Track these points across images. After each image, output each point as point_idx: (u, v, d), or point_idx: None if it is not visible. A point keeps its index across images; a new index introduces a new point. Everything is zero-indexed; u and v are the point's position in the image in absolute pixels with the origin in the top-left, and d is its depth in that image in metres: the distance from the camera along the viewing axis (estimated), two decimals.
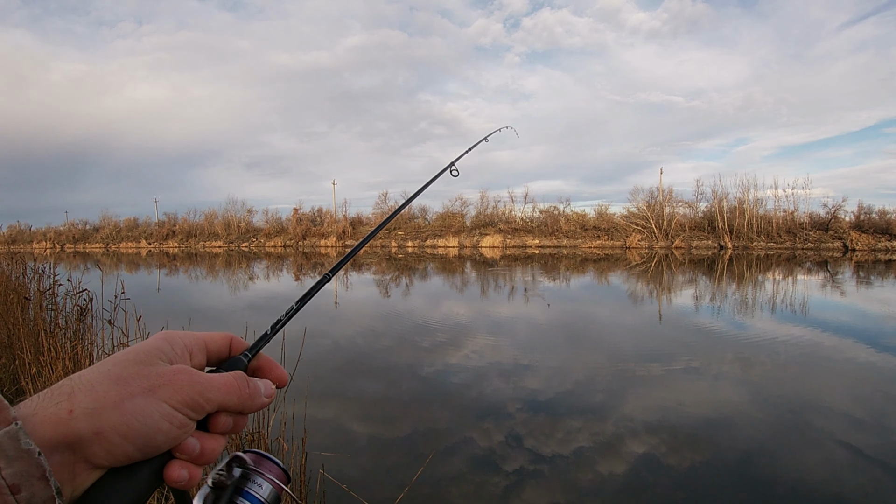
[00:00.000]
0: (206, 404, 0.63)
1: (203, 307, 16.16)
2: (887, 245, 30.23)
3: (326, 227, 44.64)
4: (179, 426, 0.61)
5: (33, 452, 0.50)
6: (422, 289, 21.30)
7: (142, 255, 37.28)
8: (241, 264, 31.53)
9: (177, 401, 0.60)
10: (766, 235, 34.44)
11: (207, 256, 36.41)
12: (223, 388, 0.65)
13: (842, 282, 20.79)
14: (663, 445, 6.31)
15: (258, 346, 0.76)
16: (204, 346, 0.72)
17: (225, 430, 0.68)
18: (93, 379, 0.58)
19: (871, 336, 11.12)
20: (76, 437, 0.54)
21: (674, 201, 38.78)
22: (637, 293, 19.27)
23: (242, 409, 0.67)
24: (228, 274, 26.88)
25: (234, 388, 0.66)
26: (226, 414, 0.67)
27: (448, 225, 42.65)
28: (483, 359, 9.91)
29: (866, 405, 7.34)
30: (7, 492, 0.48)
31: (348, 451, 6.04)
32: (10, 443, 0.49)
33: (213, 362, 0.74)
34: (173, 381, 0.61)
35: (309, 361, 8.93)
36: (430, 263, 31.02)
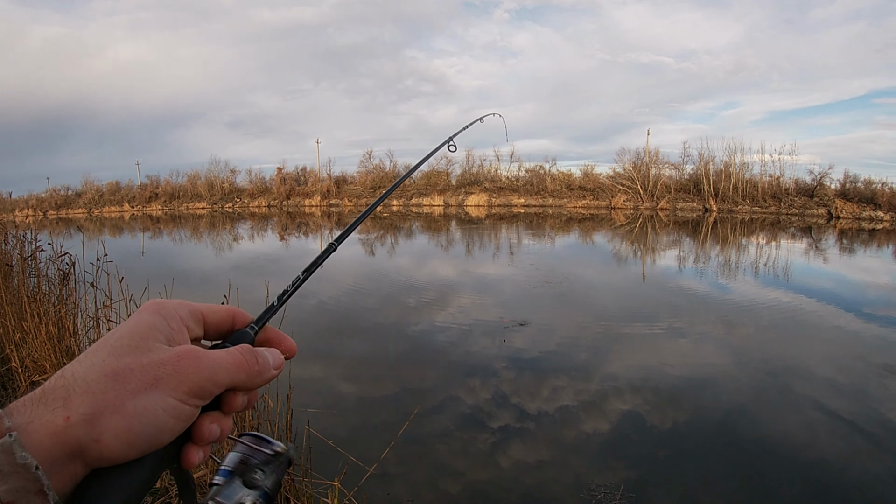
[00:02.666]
0: (214, 389, 0.58)
1: (188, 269, 16.06)
2: (871, 214, 30.40)
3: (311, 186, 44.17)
4: (186, 418, 0.56)
5: (30, 467, 0.46)
6: (407, 248, 21.26)
7: (125, 219, 36.86)
8: (225, 225, 31.30)
9: (183, 392, 0.55)
10: (752, 200, 34.55)
11: (191, 218, 36.07)
12: (232, 368, 0.59)
13: (825, 249, 20.95)
14: (646, 404, 6.38)
15: (264, 319, 0.71)
16: (201, 318, 0.66)
17: (239, 409, 0.63)
18: (88, 376, 0.53)
19: (852, 304, 11.23)
20: (75, 446, 0.50)
21: (660, 163, 38.75)
22: (621, 253, 19.35)
23: (252, 385, 0.63)
24: (212, 235, 26.70)
25: (243, 365, 0.61)
26: (240, 394, 0.62)
27: (433, 183, 42.38)
28: (469, 317, 9.93)
29: (846, 371, 7.44)
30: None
31: (335, 409, 6.07)
32: (5, 457, 0.46)
33: (211, 335, 0.68)
34: (178, 369, 0.56)
35: (295, 321, 8.90)
36: (416, 222, 30.96)
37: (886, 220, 29.62)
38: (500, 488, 4.71)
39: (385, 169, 43.92)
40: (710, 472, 5.02)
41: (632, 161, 39.16)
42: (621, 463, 5.16)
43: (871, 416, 6.00)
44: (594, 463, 5.16)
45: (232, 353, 0.61)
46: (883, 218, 29.84)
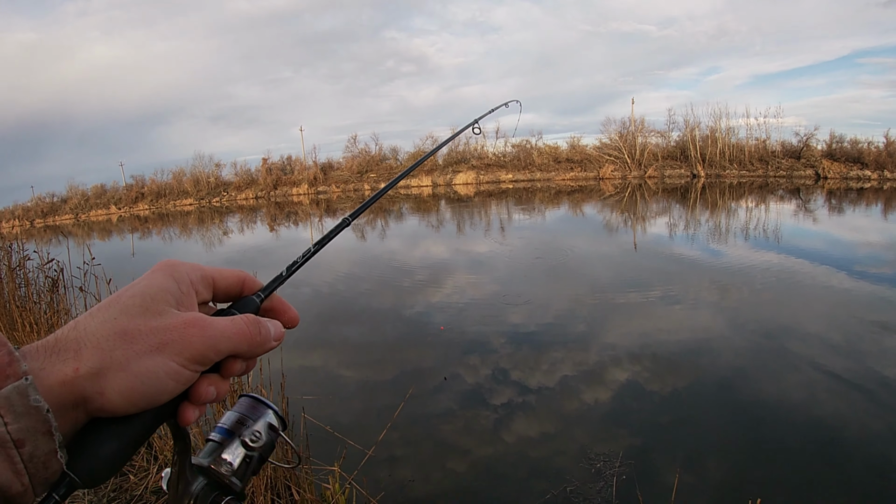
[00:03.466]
0: (215, 356, 0.61)
1: None
2: (859, 174, 30.42)
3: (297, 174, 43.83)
4: (185, 382, 0.59)
5: (42, 409, 0.50)
6: (398, 230, 21.20)
7: (113, 222, 36.49)
8: (213, 220, 31.09)
9: (185, 358, 0.58)
10: (739, 163, 34.52)
11: (179, 215, 35.78)
12: (234, 337, 0.62)
13: (814, 209, 20.98)
14: (645, 372, 6.40)
15: (272, 288, 0.74)
16: (211, 283, 0.69)
17: (237, 374, 0.66)
18: (99, 332, 0.56)
19: (844, 263, 11.22)
20: (80, 395, 0.53)
21: (646, 131, 38.54)
22: (612, 223, 19.34)
23: (252, 354, 0.66)
24: (202, 231, 26.53)
25: (245, 334, 0.63)
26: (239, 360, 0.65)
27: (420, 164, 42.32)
28: (464, 296, 9.92)
29: (841, 330, 7.47)
30: (11, 446, 0.48)
31: (332, 395, 6.05)
32: (20, 398, 0.49)
33: (220, 299, 0.71)
34: (183, 336, 0.58)
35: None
36: (405, 204, 30.83)
37: (874, 178, 29.65)
38: (504, 463, 4.72)
39: (371, 152, 43.65)
40: (710, 435, 5.04)
41: (618, 131, 39.02)
42: (622, 431, 5.18)
43: (868, 373, 6.02)
44: (595, 432, 5.18)
45: (236, 322, 0.63)
46: (870, 177, 29.87)
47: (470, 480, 4.46)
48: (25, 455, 0.49)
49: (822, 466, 4.47)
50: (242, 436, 0.70)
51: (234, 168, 45.81)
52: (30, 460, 0.50)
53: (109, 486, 3.65)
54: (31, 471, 0.50)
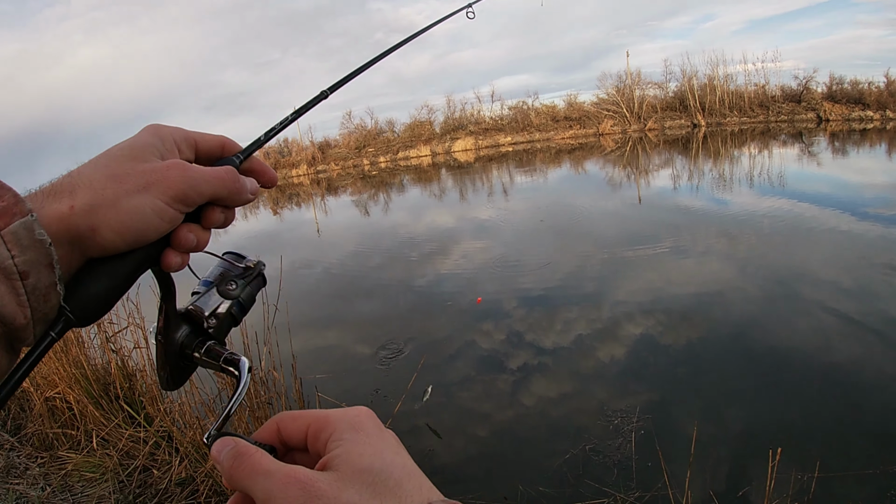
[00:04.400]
0: (197, 197, 0.65)
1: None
2: (861, 115, 29.97)
3: (295, 156, 43.63)
4: (170, 220, 0.63)
5: (45, 242, 0.53)
6: (401, 203, 21.11)
7: None
8: None
9: (169, 196, 0.62)
10: (739, 110, 34.10)
11: None
12: (214, 181, 0.66)
13: (818, 153, 20.72)
14: (659, 325, 6.38)
15: (250, 150, 0.78)
16: (193, 144, 0.72)
17: (217, 224, 0.70)
18: (91, 175, 0.60)
19: (851, 205, 11.10)
20: (76, 232, 0.57)
21: (643, 83, 38.04)
22: (615, 179, 19.20)
23: (231, 202, 0.70)
24: None
25: (224, 180, 0.67)
26: (218, 209, 0.69)
27: (417, 134, 41.84)
28: (473, 263, 9.91)
29: (851, 272, 7.41)
30: (17, 277, 0.51)
31: (349, 371, 6.08)
32: (26, 233, 0.52)
33: (202, 161, 0.73)
34: (166, 176, 0.62)
35: (300, 293, 8.91)
36: (406, 176, 30.69)
37: (876, 118, 29.24)
38: (523, 425, 4.73)
39: (367, 127, 43.36)
40: (726, 385, 5.03)
41: (614, 85, 38.54)
42: (638, 386, 5.18)
43: (881, 315, 5.98)
44: (612, 389, 5.18)
45: (216, 168, 0.68)
46: (873, 117, 29.45)
47: (491, 445, 4.48)
48: (29, 287, 0.52)
49: (839, 410, 4.46)
50: (221, 285, 0.75)
51: None
52: (32, 292, 0.53)
53: (135, 483, 3.68)
54: (33, 304, 0.53)
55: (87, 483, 3.74)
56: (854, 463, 3.71)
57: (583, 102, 40.40)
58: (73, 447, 4.18)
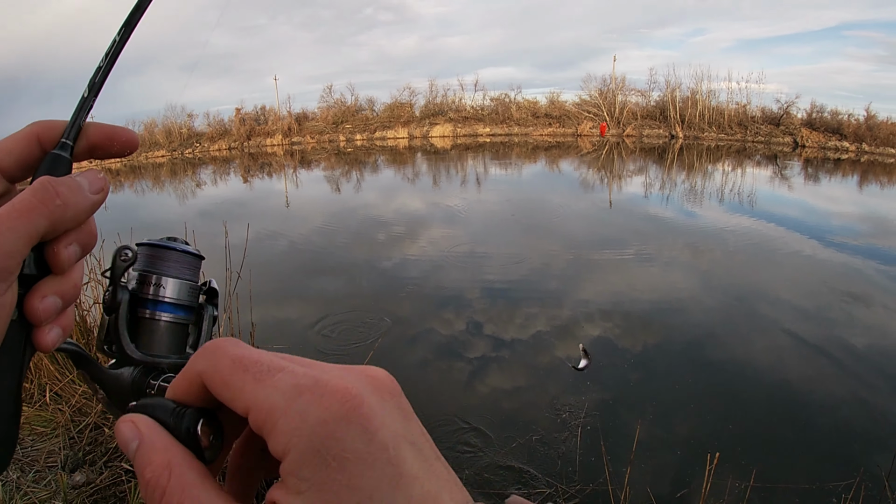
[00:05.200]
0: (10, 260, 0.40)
1: (152, 220, 15.67)
2: (837, 144, 30.70)
3: (271, 125, 42.99)
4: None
5: None
6: (374, 183, 21.01)
7: None
8: (186, 172, 30.55)
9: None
10: (718, 127, 34.60)
11: (151, 167, 35.04)
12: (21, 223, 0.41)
13: (791, 177, 21.16)
14: (617, 328, 6.48)
15: (75, 122, 0.53)
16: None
17: (73, 259, 0.47)
18: None
19: (817, 231, 11.36)
20: None
21: (626, 89, 38.43)
22: (588, 180, 19.37)
23: (67, 225, 0.46)
24: (175, 183, 26.07)
25: (36, 209, 0.42)
26: (61, 243, 0.46)
27: (397, 115, 41.61)
28: (439, 250, 9.92)
29: (810, 297, 7.60)
30: None
31: (307, 345, 6.05)
32: None
33: (19, 177, 0.50)
34: None
35: (264, 263, 8.82)
36: (381, 156, 30.56)
37: (852, 150, 29.96)
38: (473, 413, 4.76)
39: (346, 103, 42.98)
40: (676, 390, 5.14)
41: (598, 88, 38.82)
42: (591, 384, 5.25)
43: (836, 341, 6.16)
44: (564, 385, 5.25)
45: (14, 203, 0.42)
46: (848, 148, 30.17)
47: (440, 430, 4.51)
48: None
49: (784, 426, 4.59)
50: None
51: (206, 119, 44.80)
52: None
53: (85, 440, 3.63)
54: None
55: (37, 437, 3.68)
56: (793, 477, 3.82)
57: (565, 101, 40.58)
58: (26, 400, 4.11)
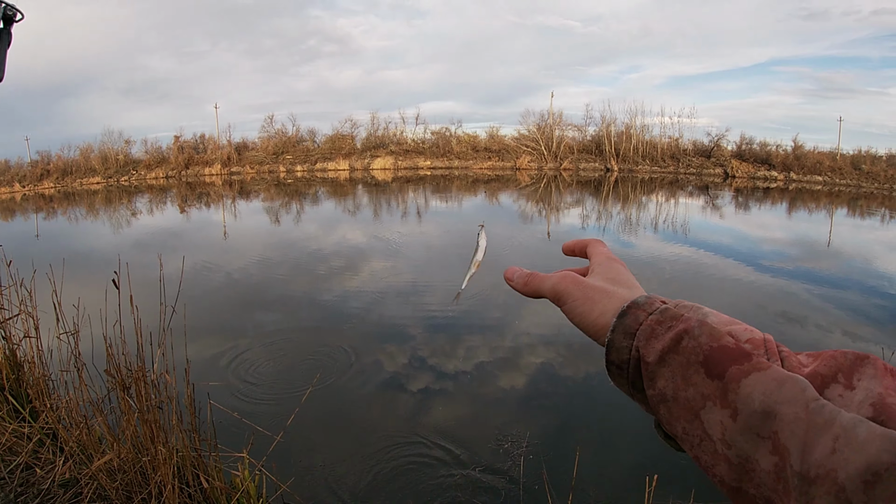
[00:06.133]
0: None
1: (84, 249, 15.21)
2: (765, 174, 32.24)
3: (210, 154, 42.32)
4: None
5: None
6: (314, 214, 20.90)
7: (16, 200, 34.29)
8: (121, 200, 29.79)
9: None
10: (651, 160, 35.80)
11: (86, 194, 33.90)
12: None
13: (722, 206, 22.05)
14: (559, 357, 6.60)
15: None
16: None
17: None
18: None
19: (749, 257, 11.87)
20: None
21: (563, 124, 39.37)
22: (527, 212, 19.72)
23: None
24: (109, 212, 25.36)
25: None
26: None
27: (338, 147, 41.57)
28: (381, 282, 9.93)
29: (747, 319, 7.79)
30: None
31: (243, 381, 5.95)
32: None
33: None
34: None
35: (201, 296, 8.69)
36: (321, 187, 30.44)
37: (780, 179, 31.49)
38: (415, 446, 4.78)
39: (287, 133, 42.74)
40: (617, 417, 5.25)
41: (536, 123, 39.71)
42: (532, 413, 5.34)
43: None
44: (507, 415, 5.31)
45: None
46: (777, 177, 31.70)
47: (384, 463, 4.51)
48: None
49: None
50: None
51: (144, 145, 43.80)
52: None
53: (16, 481, 3.51)
54: None
55: None
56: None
57: (504, 136, 41.35)
58: None
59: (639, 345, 0.61)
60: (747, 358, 0.52)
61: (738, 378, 0.51)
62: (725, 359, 0.53)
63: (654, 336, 0.60)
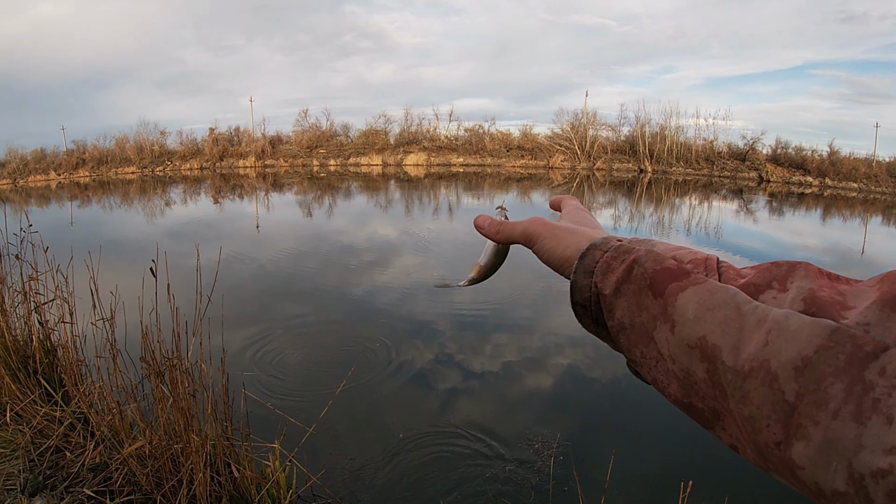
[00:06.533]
0: None
1: (118, 237, 15.46)
2: (800, 179, 31.65)
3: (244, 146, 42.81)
4: None
5: None
6: (346, 208, 21.00)
7: (52, 188, 34.93)
8: (156, 190, 30.21)
9: None
10: (685, 161, 35.38)
11: (121, 184, 34.46)
12: None
13: (755, 210, 21.66)
14: (587, 359, 6.53)
15: None
16: None
17: None
18: None
19: None
20: None
21: (597, 124, 39.13)
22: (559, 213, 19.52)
23: None
24: (143, 201, 25.74)
25: None
26: None
27: (371, 143, 41.76)
28: (410, 277, 9.93)
29: None
30: None
31: (277, 372, 6.00)
32: None
33: None
34: None
35: (233, 287, 8.75)
36: (354, 182, 30.60)
37: (815, 185, 30.89)
38: (445, 444, 4.76)
39: (322, 128, 43.03)
40: (648, 420, 5.18)
41: (570, 122, 39.50)
42: (562, 414, 5.28)
43: None
44: (536, 415, 5.26)
45: None
46: (812, 183, 31.09)
47: (414, 460, 4.49)
48: None
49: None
50: None
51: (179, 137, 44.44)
52: None
53: (46, 464, 3.55)
54: None
55: None
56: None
57: (537, 134, 41.19)
58: None
59: (597, 281, 0.64)
60: (685, 275, 0.55)
61: (675, 293, 0.53)
62: (666, 278, 0.56)
63: (609, 270, 0.63)
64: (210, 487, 3.14)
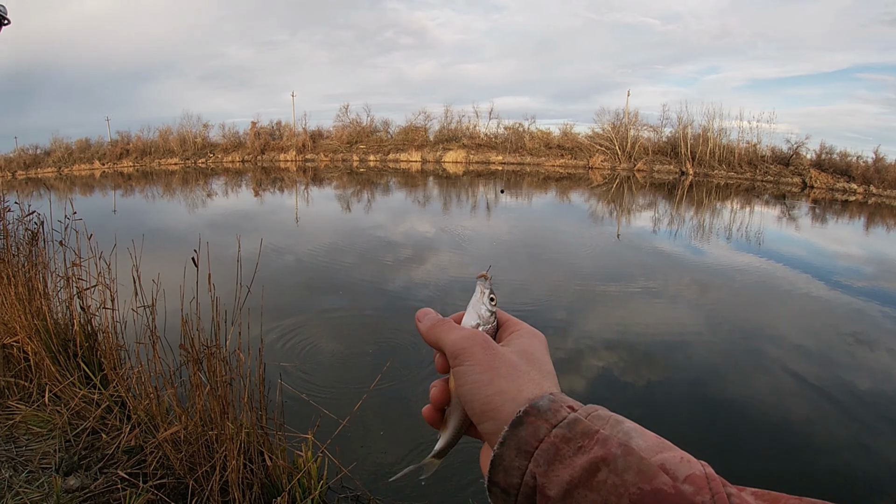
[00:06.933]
0: None
1: (160, 226, 15.79)
2: (845, 186, 30.76)
3: (286, 140, 43.27)
4: None
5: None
6: (384, 204, 21.12)
7: (96, 177, 35.74)
8: (198, 181, 30.72)
9: None
10: (728, 165, 34.69)
11: (163, 174, 35.13)
12: None
13: (798, 217, 21.18)
14: (621, 362, 6.46)
15: None
16: None
17: None
18: None
19: (823, 272, 11.34)
20: None
21: (639, 124, 38.61)
22: (598, 213, 19.39)
23: None
24: (185, 192, 26.20)
25: None
26: None
27: (411, 139, 41.86)
28: (446, 274, 9.94)
29: (816, 338, 7.56)
30: None
31: (310, 363, 6.05)
32: None
33: None
34: None
35: (271, 278, 8.85)
36: (393, 178, 30.74)
37: (859, 192, 30.03)
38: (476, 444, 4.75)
39: (362, 123, 43.30)
40: (678, 428, 5.11)
41: (611, 122, 39.04)
42: None
43: (839, 383, 6.12)
44: None
45: None
46: (856, 190, 30.23)
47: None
48: None
49: (785, 467, 4.55)
50: None
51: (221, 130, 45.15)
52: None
53: (81, 444, 3.63)
54: None
55: (32, 437, 3.68)
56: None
57: (577, 133, 40.85)
58: (24, 399, 4.11)
59: (536, 470, 0.49)
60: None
61: None
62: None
63: (558, 459, 0.48)
64: (242, 474, 3.18)
